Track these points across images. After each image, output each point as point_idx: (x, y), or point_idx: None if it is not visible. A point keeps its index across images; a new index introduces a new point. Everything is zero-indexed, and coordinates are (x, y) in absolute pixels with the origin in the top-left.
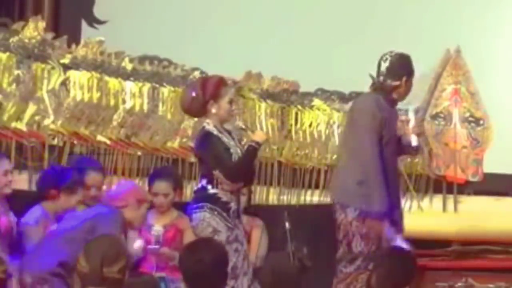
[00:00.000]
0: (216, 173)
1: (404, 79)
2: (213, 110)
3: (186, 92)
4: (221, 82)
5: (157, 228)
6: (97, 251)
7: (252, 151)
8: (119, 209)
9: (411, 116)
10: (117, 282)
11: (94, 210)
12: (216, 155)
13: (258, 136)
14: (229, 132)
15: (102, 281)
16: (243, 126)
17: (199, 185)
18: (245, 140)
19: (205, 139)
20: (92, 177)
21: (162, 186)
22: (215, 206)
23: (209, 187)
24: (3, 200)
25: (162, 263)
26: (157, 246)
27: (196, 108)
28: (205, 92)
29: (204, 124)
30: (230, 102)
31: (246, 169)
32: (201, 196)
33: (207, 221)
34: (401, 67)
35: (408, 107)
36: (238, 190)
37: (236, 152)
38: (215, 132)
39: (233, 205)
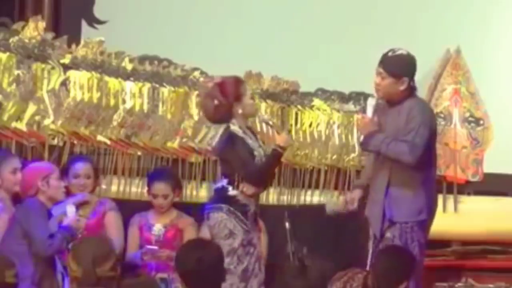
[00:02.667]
0: (239, 175)
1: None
2: (239, 111)
3: (206, 102)
4: (238, 81)
5: (158, 228)
6: (86, 253)
7: (276, 155)
8: (33, 196)
9: (367, 109)
10: (111, 279)
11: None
12: (241, 159)
13: (283, 140)
14: (252, 131)
15: (97, 281)
16: (270, 122)
17: (219, 185)
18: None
19: (229, 140)
20: (78, 165)
21: (161, 187)
22: (233, 208)
23: (230, 188)
24: (10, 198)
25: (161, 264)
26: (155, 247)
27: (222, 114)
28: (227, 97)
29: (230, 124)
30: (252, 97)
31: (268, 174)
32: (220, 197)
33: (224, 223)
34: None
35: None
36: (258, 193)
37: (260, 154)
38: (240, 133)
39: (251, 208)
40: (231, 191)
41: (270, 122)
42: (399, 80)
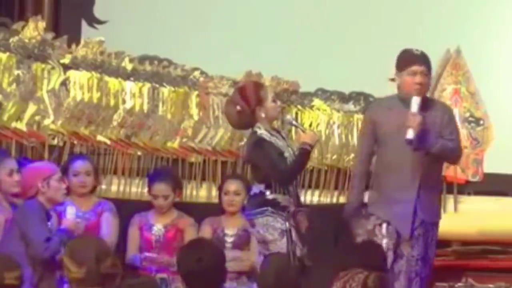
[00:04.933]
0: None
1: (396, 73)
2: (262, 115)
3: (229, 109)
4: (258, 86)
5: (158, 228)
6: (88, 252)
7: (305, 153)
8: (33, 197)
9: (413, 107)
10: (114, 276)
11: (14, 214)
12: (270, 161)
13: (309, 137)
14: (279, 132)
15: (102, 279)
16: (294, 122)
17: (255, 190)
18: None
19: (257, 146)
20: (77, 163)
21: (161, 188)
22: (275, 210)
23: (268, 192)
24: (8, 200)
25: (161, 268)
26: (154, 255)
27: (245, 120)
28: (248, 102)
29: (256, 129)
30: (274, 100)
31: (298, 172)
32: (260, 201)
33: (272, 225)
34: (395, 63)
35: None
36: (297, 193)
37: (290, 153)
38: (268, 137)
39: (290, 209)
40: (270, 195)
41: (294, 122)
42: (431, 75)
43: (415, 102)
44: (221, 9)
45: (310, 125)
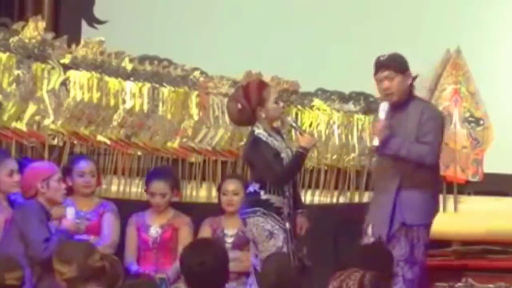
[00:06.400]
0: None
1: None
2: (263, 115)
3: (231, 105)
4: (261, 85)
5: (155, 229)
6: (75, 250)
7: (300, 157)
8: (33, 197)
9: (381, 114)
10: (102, 271)
11: (13, 214)
12: (265, 162)
13: (306, 141)
14: (279, 132)
15: (95, 273)
16: (294, 124)
17: (251, 189)
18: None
19: (254, 145)
20: (82, 164)
21: (159, 186)
22: (268, 210)
23: (262, 192)
24: (7, 200)
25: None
26: (152, 273)
27: (246, 118)
28: (250, 101)
29: (254, 128)
30: (276, 101)
31: (292, 175)
32: (254, 201)
33: (261, 226)
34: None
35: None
36: (295, 194)
37: (288, 154)
38: (265, 137)
39: (285, 210)
40: (264, 195)
41: (294, 124)
42: (405, 74)
43: (382, 108)
44: (221, 9)
45: (310, 125)
